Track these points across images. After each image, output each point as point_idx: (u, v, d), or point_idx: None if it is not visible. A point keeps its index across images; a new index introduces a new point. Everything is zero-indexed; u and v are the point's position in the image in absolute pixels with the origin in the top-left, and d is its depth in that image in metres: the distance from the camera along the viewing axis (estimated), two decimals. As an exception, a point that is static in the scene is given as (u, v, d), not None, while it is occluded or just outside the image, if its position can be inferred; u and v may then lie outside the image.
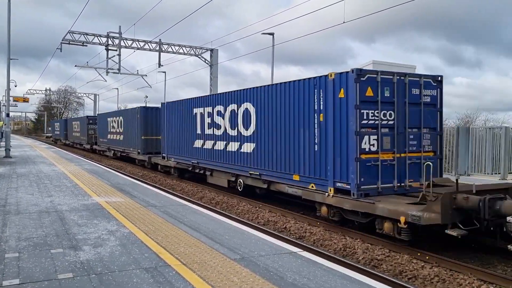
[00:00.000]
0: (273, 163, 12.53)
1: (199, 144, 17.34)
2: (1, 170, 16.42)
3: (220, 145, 15.64)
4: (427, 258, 8.24)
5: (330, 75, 10.22)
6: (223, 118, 15.31)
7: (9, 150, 23.66)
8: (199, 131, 17.31)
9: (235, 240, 6.56)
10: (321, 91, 10.52)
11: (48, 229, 7.04)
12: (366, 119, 9.67)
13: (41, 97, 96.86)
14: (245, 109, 13.89)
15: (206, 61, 35.87)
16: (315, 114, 10.77)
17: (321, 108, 10.53)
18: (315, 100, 10.77)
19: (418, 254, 8.45)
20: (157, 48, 33.94)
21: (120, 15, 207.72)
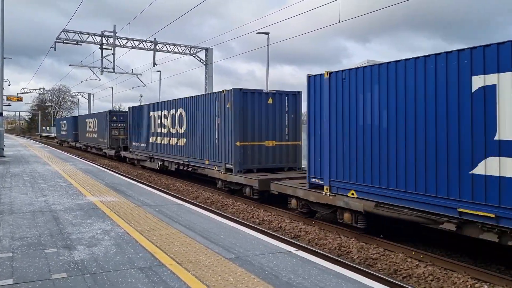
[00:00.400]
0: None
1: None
2: (-6, 170, 16.30)
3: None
4: (422, 257, 8.28)
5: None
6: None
7: (3, 149, 23.48)
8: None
9: (230, 239, 6.55)
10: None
11: (42, 228, 7.00)
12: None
13: (35, 96, 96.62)
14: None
15: (201, 60, 35.84)
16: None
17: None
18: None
19: (413, 253, 8.49)
20: (152, 47, 33.88)
21: (114, 14, 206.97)
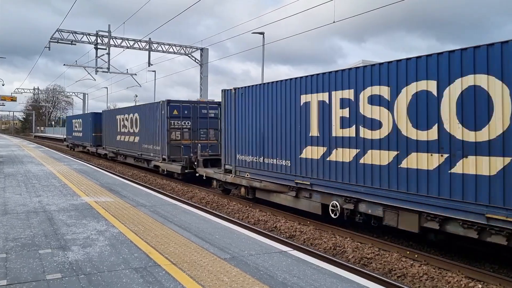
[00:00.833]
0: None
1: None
2: (-12, 170, 16.20)
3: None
4: (416, 256, 8.32)
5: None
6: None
7: (-4, 149, 23.37)
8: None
9: (225, 239, 6.55)
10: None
11: (36, 229, 6.97)
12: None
13: (29, 96, 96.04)
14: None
15: (196, 60, 35.78)
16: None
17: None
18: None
19: (407, 252, 8.53)
20: (147, 47, 33.78)
21: (109, 14, 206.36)
